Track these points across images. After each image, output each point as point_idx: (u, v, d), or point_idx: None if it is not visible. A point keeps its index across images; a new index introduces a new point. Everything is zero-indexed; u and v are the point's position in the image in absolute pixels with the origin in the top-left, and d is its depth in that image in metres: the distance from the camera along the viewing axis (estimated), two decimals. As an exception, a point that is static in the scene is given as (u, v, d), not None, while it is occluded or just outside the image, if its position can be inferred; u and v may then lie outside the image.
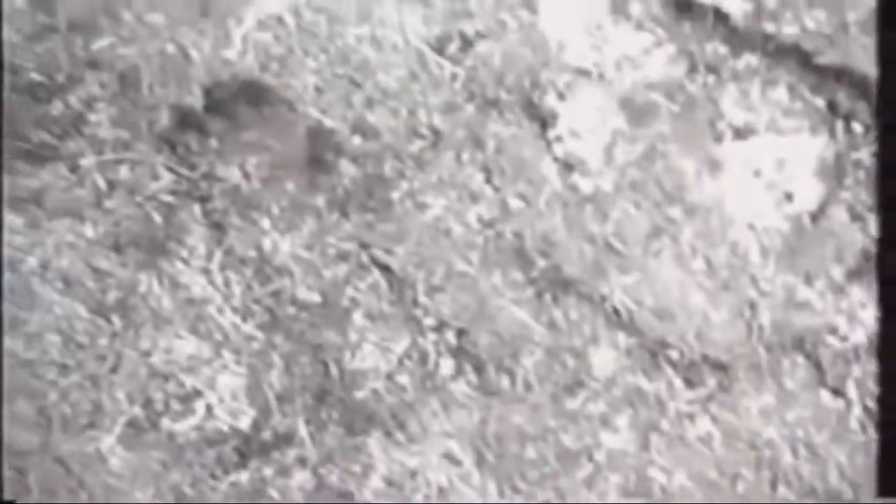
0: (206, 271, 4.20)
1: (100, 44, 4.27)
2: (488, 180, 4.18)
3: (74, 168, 4.24)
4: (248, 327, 4.16)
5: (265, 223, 4.19)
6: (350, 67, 4.27)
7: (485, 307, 4.07)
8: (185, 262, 4.18)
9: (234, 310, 4.17)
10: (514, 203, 4.13)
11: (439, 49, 4.27)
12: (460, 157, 4.25)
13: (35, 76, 4.24)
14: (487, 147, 4.24)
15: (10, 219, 4.16)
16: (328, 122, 4.27)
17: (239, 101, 4.24)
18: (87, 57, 4.26)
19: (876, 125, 3.81)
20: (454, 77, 4.23)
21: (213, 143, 4.21)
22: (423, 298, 4.10)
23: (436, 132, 4.23)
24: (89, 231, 4.18)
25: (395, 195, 4.25)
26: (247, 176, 4.17)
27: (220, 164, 4.23)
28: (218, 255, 4.18)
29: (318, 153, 4.26)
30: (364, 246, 4.16)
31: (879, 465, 3.33)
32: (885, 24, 3.73)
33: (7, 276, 4.07)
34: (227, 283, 4.15)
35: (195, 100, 4.26)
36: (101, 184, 4.23)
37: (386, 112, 4.26)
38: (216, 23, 4.25)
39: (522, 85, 4.24)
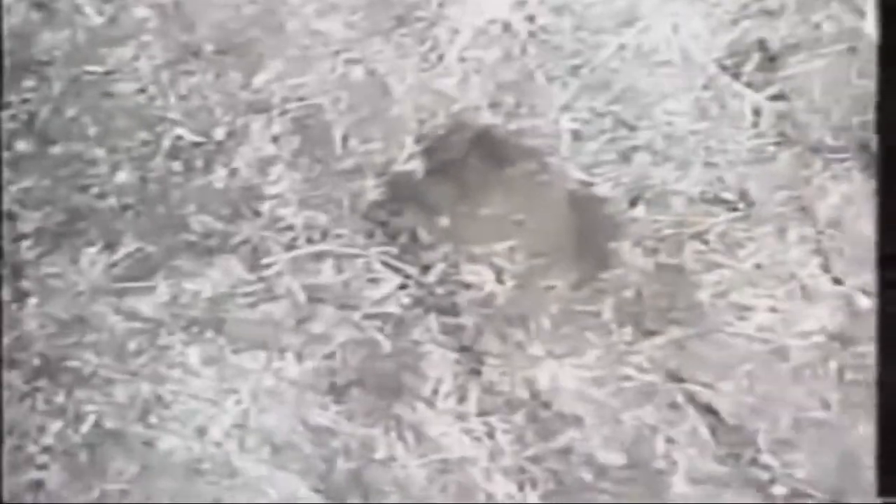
0: (460, 417, 3.25)
1: (263, 77, 3.48)
2: (826, 269, 3.34)
3: (255, 265, 3.34)
4: (529, 497, 3.19)
5: (535, 347, 3.31)
6: (613, 97, 3.48)
7: (856, 470, 3.17)
8: (430, 403, 3.25)
9: (506, 473, 3.22)
10: (866, 303, 3.28)
11: (735, 69, 3.48)
12: (784, 234, 3.41)
13: (185, 133, 3.45)
14: (818, 217, 3.39)
15: (182, 350, 3.25)
16: (598, 186, 3.42)
17: (469, 157, 3.43)
18: (250, 97, 3.47)
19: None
20: (756, 112, 3.45)
21: (444, 221, 3.39)
22: (766, 457, 3.21)
23: (744, 196, 3.42)
24: (292, 368, 3.28)
25: (704, 295, 3.34)
26: (499, 275, 3.33)
27: (458, 255, 3.37)
28: (474, 394, 3.26)
29: (589, 233, 3.40)
30: (674, 377, 3.26)
31: (879, 465, 3.06)
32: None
33: (195, 444, 3.15)
34: (491, 435, 3.24)
35: (410, 158, 3.42)
36: (299, 294, 3.34)
37: (671, 167, 3.43)
38: (415, 33, 3.49)
39: (852, 122, 3.42)
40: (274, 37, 3.54)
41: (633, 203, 3.41)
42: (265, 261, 3.38)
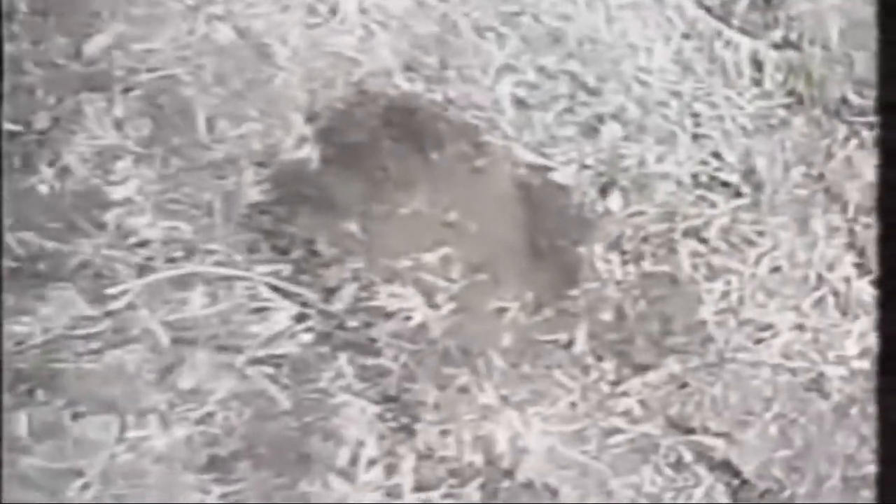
0: (391, 493, 3.00)
1: (99, 42, 3.35)
2: (864, 269, 3.24)
3: (98, 296, 3.12)
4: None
5: (486, 394, 3.02)
6: (566, 53, 3.37)
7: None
8: (349, 476, 2.96)
9: None
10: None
11: (723, 9, 3.42)
12: (806, 226, 3.27)
13: None
14: (847, 199, 3.28)
15: (7, 417, 2.98)
16: (556, 170, 3.26)
17: (380, 138, 3.25)
18: (82, 69, 3.31)
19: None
20: (756, 64, 3.40)
21: (351, 227, 3.14)
22: None
23: (750, 177, 3.28)
24: (157, 438, 3.00)
25: (707, 312, 3.15)
26: (430, 298, 3.09)
27: (373, 272, 3.12)
28: (408, 462, 3.00)
29: (548, 234, 3.20)
30: (678, 426, 3.03)
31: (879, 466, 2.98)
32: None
33: None
34: None
35: (300, 143, 3.24)
36: (161, 334, 3.07)
37: (650, 142, 3.28)
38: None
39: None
40: (111, -12, 3.52)
41: (604, 191, 3.29)
42: (112, 290, 3.15)
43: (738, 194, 3.26)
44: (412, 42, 3.38)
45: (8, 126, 3.29)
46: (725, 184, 3.29)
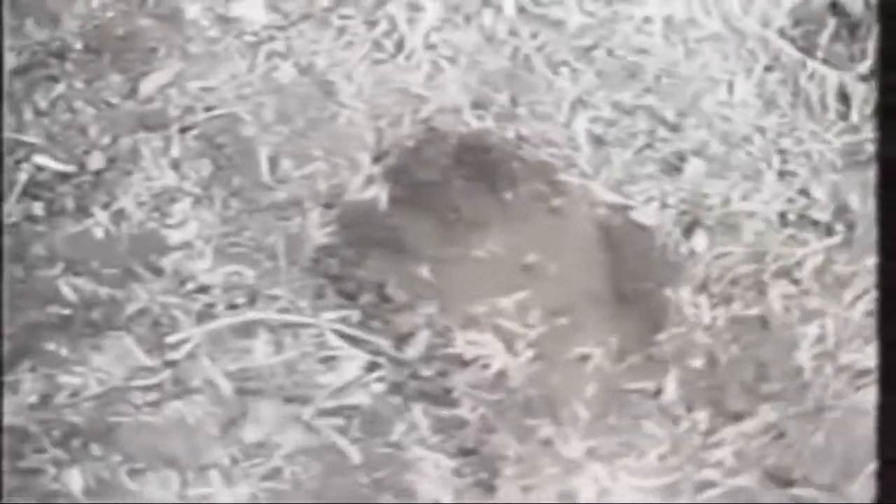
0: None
1: (156, 80, 3.37)
2: None
3: (157, 345, 3.09)
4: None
5: (571, 446, 2.92)
6: (643, 87, 3.32)
7: None
8: None
9: None
10: None
11: (805, 40, 3.36)
12: None
13: (47, 162, 3.23)
14: None
15: (57, 473, 2.90)
16: (636, 209, 3.18)
17: (451, 177, 3.17)
18: (138, 108, 3.32)
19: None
20: (843, 97, 3.32)
21: (423, 272, 3.06)
22: None
23: (841, 214, 3.19)
24: (222, 494, 2.93)
25: (804, 357, 3.05)
26: (509, 344, 3.00)
27: (447, 318, 3.03)
28: None
29: (631, 277, 3.13)
30: (777, 479, 2.91)
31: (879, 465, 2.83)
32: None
33: None
34: None
35: (368, 183, 3.17)
36: (223, 384, 3.02)
37: (735, 178, 3.24)
38: (362, 12, 3.39)
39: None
40: (168, 26, 3.39)
41: (688, 231, 3.21)
42: (171, 338, 3.09)
43: (830, 233, 3.20)
44: (481, 77, 3.33)
45: (59, 166, 3.25)
46: (816, 221, 3.23)
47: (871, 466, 2.99)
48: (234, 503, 3.01)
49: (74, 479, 2.92)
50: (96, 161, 3.26)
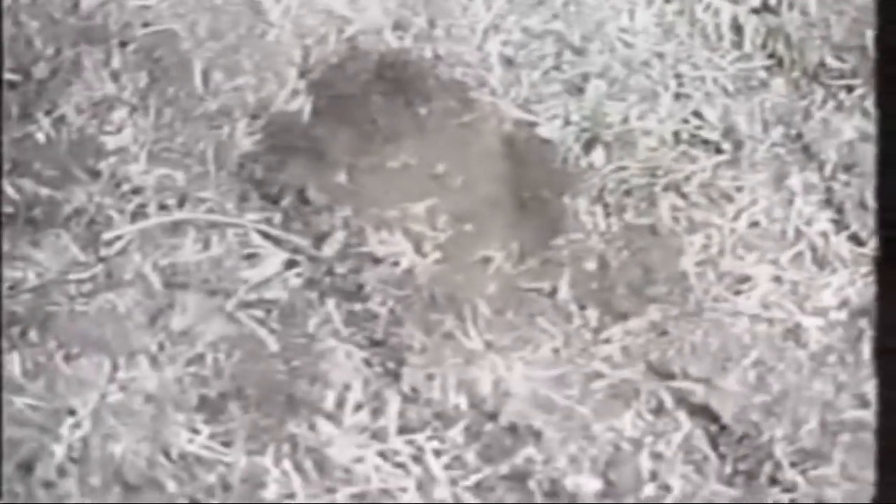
0: (377, 436, 2.97)
1: None
2: (841, 225, 3.24)
3: (92, 242, 3.19)
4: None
5: (472, 339, 3.03)
6: (552, 13, 3.49)
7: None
8: (335, 419, 2.95)
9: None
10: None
11: None
12: (784, 183, 3.32)
13: None
14: (825, 159, 3.34)
15: None
16: (541, 125, 3.31)
17: (371, 92, 3.32)
18: (79, 23, 3.42)
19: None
20: (737, 27, 3.46)
21: (341, 177, 3.22)
22: (788, 473, 2.92)
23: (730, 135, 3.31)
24: (148, 378, 3.01)
25: (688, 263, 3.17)
26: (418, 246, 3.14)
27: (362, 220, 3.18)
28: (394, 406, 2.99)
29: (534, 187, 3.25)
30: (658, 372, 3.02)
31: (879, 466, 2.93)
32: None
33: (18, 486, 2.90)
34: (418, 459, 2.93)
35: (293, 95, 3.33)
36: (153, 278, 3.13)
37: (633, 99, 3.35)
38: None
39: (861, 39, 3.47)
40: (108, -60, 3.51)
41: (588, 147, 3.30)
42: (106, 235, 3.17)
43: (719, 151, 3.29)
44: (402, 2, 3.43)
45: (8, 76, 3.31)
46: (706, 141, 3.32)
47: (746, 362, 3.05)
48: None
49: (14, 363, 3.01)
50: (40, 71, 3.32)
